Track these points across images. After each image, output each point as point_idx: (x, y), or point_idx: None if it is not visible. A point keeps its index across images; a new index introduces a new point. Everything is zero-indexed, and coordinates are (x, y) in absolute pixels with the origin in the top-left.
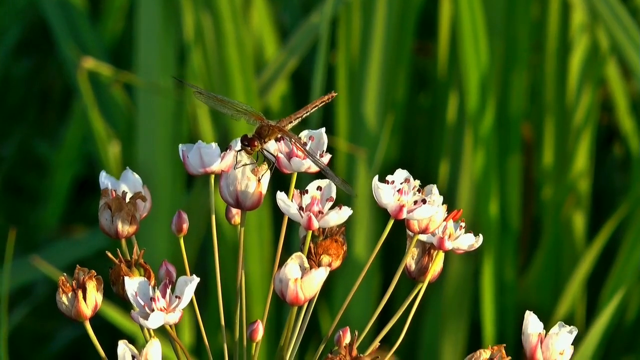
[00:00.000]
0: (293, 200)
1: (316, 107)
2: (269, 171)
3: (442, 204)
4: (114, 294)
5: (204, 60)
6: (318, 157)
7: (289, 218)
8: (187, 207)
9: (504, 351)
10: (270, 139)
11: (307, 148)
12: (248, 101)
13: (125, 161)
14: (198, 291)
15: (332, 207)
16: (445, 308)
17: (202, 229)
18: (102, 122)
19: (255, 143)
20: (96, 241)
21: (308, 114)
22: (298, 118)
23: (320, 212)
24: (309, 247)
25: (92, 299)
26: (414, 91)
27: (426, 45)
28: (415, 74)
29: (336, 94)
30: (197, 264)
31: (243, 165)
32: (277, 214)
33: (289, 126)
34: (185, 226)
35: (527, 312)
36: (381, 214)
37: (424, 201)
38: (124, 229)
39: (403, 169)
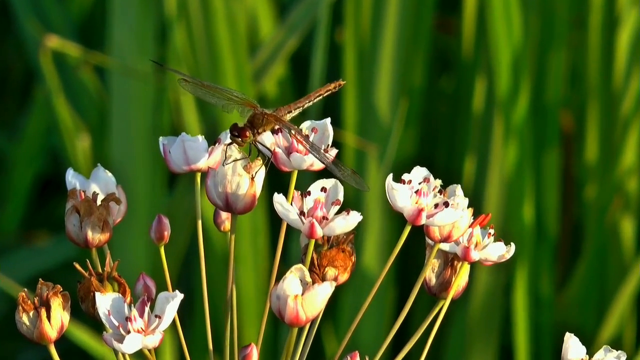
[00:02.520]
0: (293, 203)
1: (320, 97)
2: (263, 167)
3: (468, 207)
4: (83, 312)
5: (189, 39)
6: (322, 152)
7: (287, 224)
8: (168, 211)
9: None
10: (265, 130)
11: (310, 141)
12: (240, 87)
13: (97, 157)
14: (182, 309)
15: (338, 212)
16: (471, 328)
17: (187, 237)
18: (69, 111)
19: (247, 133)
20: (62, 250)
21: (311, 103)
22: (298, 108)
23: (324, 217)
24: (312, 258)
25: (57, 319)
26: (434, 75)
27: (449, 20)
28: (436, 55)
29: (344, 82)
30: (180, 278)
31: (233, 160)
32: (274, 218)
33: (288, 117)
34: (167, 233)
35: (568, 334)
36: (396, 219)
37: (446, 204)
38: (95, 236)
39: (421, 166)
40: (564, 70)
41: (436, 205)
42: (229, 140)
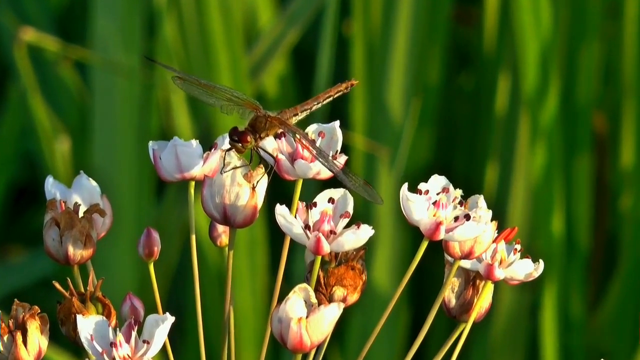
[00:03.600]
0: (297, 216)
1: (331, 98)
2: (266, 176)
3: (491, 220)
4: (63, 336)
5: (180, 32)
6: (330, 159)
7: (291, 239)
8: (157, 223)
9: None
10: (268, 134)
11: (317, 146)
12: (235, 84)
13: (77, 163)
14: (171, 333)
15: (347, 225)
16: (493, 354)
17: (176, 252)
18: (47, 111)
19: (248, 138)
20: (40, 267)
21: (319, 105)
22: (305, 110)
23: (332, 232)
24: (318, 277)
25: (34, 344)
26: (452, 71)
27: (468, 10)
28: (454, 49)
29: (357, 81)
30: (169, 298)
31: (232, 168)
32: (274, 232)
33: (294, 119)
34: (157, 249)
35: None
36: (409, 232)
37: (467, 217)
38: (77, 252)
39: (438, 173)
40: (597, 65)
41: (456, 218)
42: (227, 146)
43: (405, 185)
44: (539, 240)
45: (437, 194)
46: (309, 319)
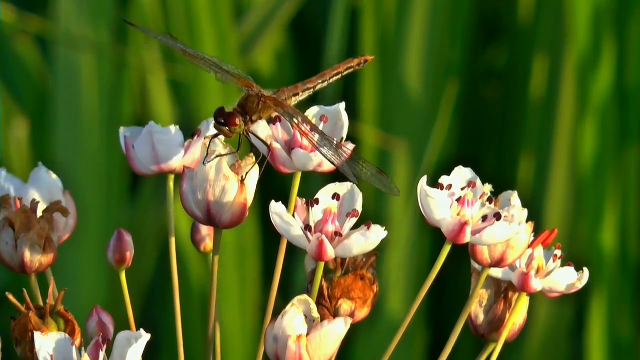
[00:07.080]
0: (295, 214)
1: (339, 75)
2: (257, 166)
3: (527, 220)
4: (18, 358)
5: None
6: (335, 146)
7: (288, 242)
8: (129, 225)
9: None
10: (260, 117)
11: (320, 130)
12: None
13: (35, 153)
14: (145, 354)
15: (355, 226)
16: None
17: (152, 259)
18: (0, 93)
19: (237, 121)
20: None
21: (325, 84)
22: (308, 89)
23: (337, 233)
24: (320, 287)
25: None
26: (480, 45)
27: None
28: (483, 19)
29: (372, 57)
30: (142, 313)
31: (217, 156)
32: (268, 234)
33: (293, 100)
34: (129, 254)
35: None
36: (429, 235)
37: (497, 216)
38: (35, 258)
39: (463, 166)
40: None
41: (484, 218)
42: (212, 131)
43: (424, 178)
44: (584, 247)
45: (462, 188)
46: (309, 336)
